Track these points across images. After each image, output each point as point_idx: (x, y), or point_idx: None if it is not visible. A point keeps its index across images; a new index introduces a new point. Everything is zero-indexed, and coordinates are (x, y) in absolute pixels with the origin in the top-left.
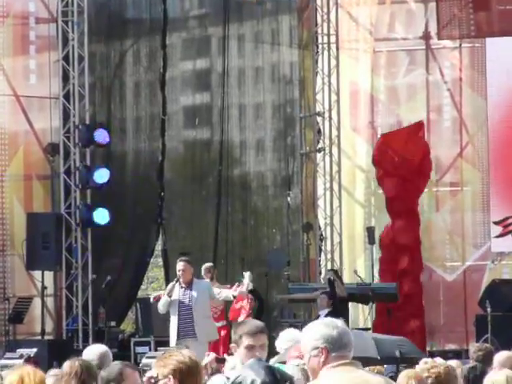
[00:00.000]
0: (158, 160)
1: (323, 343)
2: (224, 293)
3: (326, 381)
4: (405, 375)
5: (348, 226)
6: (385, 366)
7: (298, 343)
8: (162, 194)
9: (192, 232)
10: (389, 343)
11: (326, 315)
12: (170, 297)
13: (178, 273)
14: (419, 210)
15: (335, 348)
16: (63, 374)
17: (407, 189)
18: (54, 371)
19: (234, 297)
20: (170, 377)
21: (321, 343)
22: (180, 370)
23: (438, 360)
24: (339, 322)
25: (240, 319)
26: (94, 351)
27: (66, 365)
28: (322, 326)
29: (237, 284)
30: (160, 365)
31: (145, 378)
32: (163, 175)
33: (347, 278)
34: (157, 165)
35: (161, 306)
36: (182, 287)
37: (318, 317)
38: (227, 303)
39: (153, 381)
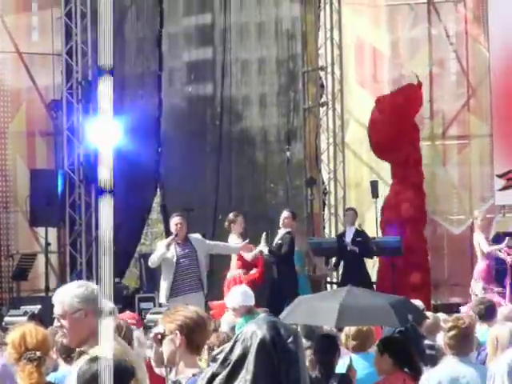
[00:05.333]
0: (156, 116)
1: None
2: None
3: None
4: None
5: (353, 180)
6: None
7: None
8: (160, 149)
9: (192, 188)
10: (401, 308)
11: None
12: (168, 250)
13: (174, 227)
14: (424, 164)
15: None
16: None
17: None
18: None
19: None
20: (177, 332)
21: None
22: (187, 325)
23: (442, 316)
24: None
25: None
26: None
27: None
28: None
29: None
30: (167, 320)
31: (151, 334)
32: (159, 131)
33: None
34: (154, 120)
35: (155, 259)
36: (178, 243)
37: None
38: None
39: (159, 337)
